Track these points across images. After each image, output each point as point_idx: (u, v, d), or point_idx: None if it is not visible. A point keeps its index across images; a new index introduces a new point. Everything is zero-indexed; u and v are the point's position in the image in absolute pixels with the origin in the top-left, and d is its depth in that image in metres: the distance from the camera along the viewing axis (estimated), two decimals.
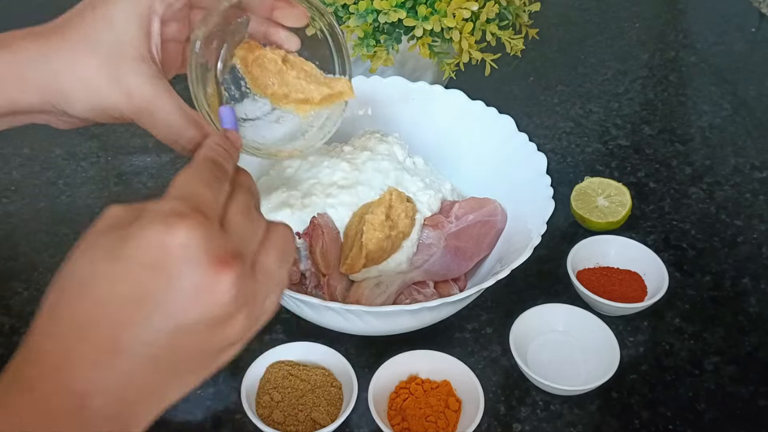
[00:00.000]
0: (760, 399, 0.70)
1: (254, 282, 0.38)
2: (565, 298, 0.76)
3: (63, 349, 0.36)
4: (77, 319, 0.36)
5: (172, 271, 0.35)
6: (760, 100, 1.08)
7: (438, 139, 0.84)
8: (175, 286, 0.35)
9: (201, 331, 0.36)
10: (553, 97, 1.07)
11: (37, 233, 0.84)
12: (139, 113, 0.51)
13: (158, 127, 0.51)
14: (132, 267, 0.36)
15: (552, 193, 0.72)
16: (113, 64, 0.50)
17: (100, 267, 0.37)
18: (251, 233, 0.40)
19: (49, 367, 0.36)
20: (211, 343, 0.37)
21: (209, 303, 0.36)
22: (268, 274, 0.40)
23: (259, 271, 0.39)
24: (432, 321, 0.69)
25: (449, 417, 0.65)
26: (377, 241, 0.68)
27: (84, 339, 0.36)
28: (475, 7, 0.81)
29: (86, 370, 0.35)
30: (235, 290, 0.36)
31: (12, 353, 0.58)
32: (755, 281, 0.81)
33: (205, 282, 0.36)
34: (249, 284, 0.38)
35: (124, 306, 0.35)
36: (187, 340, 0.36)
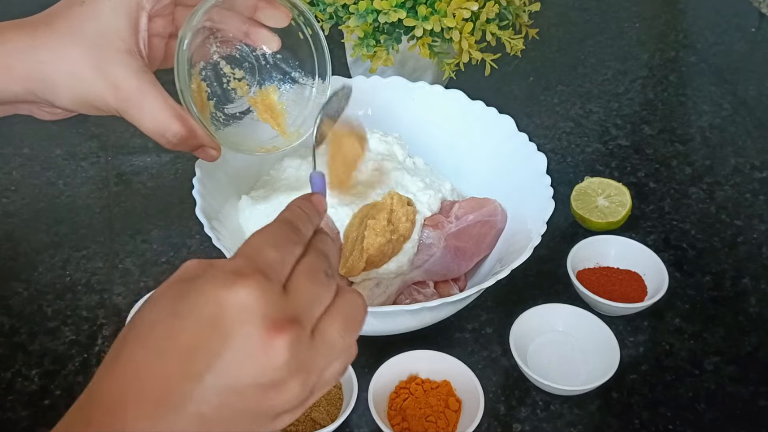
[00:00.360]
0: (760, 399, 0.70)
1: (312, 349, 0.37)
2: (565, 298, 0.76)
3: (120, 392, 0.36)
4: (136, 366, 0.36)
5: (227, 329, 0.35)
6: (760, 100, 1.08)
7: (438, 139, 0.84)
8: (229, 345, 0.35)
9: (251, 393, 0.35)
10: (553, 97, 1.07)
11: (37, 233, 0.84)
12: (124, 106, 0.52)
13: (144, 120, 0.52)
14: (189, 321, 0.35)
15: (552, 193, 0.72)
16: (100, 56, 0.51)
17: (162, 317, 0.36)
18: (315, 298, 0.39)
19: (106, 407, 0.36)
20: (262, 407, 0.36)
21: (261, 366, 0.35)
22: (329, 342, 0.38)
23: (319, 338, 0.38)
24: (432, 321, 0.69)
25: (449, 417, 0.65)
26: (378, 245, 0.68)
27: (140, 386, 0.35)
28: (475, 7, 0.81)
29: (138, 416, 0.35)
30: (288, 355, 0.35)
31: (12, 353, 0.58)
32: (755, 281, 0.81)
33: (258, 344, 0.35)
34: (305, 351, 0.37)
35: (178, 359, 0.35)
36: (236, 401, 0.35)
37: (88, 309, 0.76)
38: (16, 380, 0.69)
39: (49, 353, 0.72)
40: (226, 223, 0.73)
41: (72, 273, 0.79)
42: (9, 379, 0.69)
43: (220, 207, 0.73)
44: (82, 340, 0.73)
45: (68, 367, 0.71)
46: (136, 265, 0.80)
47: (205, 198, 0.70)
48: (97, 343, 0.73)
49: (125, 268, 0.80)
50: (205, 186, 0.71)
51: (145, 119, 0.52)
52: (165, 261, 0.81)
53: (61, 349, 0.72)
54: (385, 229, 0.68)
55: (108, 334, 0.73)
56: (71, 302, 0.76)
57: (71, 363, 0.71)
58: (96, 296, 0.77)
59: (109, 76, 0.51)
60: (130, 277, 0.79)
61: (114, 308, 0.76)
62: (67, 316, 0.75)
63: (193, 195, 0.69)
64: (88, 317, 0.75)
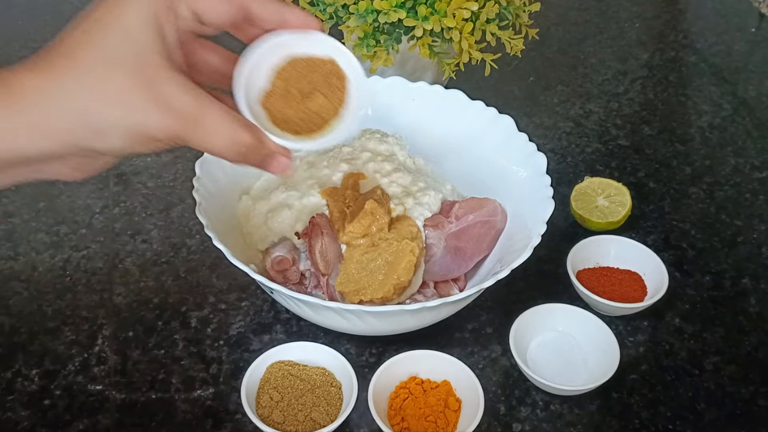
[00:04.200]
0: (760, 399, 0.70)
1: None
2: (565, 298, 0.76)
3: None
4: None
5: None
6: (760, 100, 1.08)
7: (438, 139, 0.84)
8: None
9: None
10: (553, 97, 1.07)
11: (37, 233, 0.84)
12: (188, 128, 0.45)
13: (211, 139, 0.46)
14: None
15: (552, 193, 0.72)
16: (145, 79, 0.43)
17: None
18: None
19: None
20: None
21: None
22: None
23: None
24: (432, 321, 0.69)
25: (449, 417, 0.65)
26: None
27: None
28: (475, 7, 0.81)
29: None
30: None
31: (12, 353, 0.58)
32: (755, 281, 0.81)
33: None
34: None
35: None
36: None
37: (88, 309, 0.76)
38: (16, 380, 0.69)
39: (49, 353, 0.72)
40: (226, 223, 0.73)
41: (72, 273, 0.79)
42: (9, 379, 0.69)
43: (220, 207, 0.73)
44: (82, 340, 0.73)
45: (68, 367, 0.71)
46: (136, 265, 0.80)
47: (205, 198, 0.70)
48: (97, 343, 0.73)
49: (125, 268, 0.80)
50: (205, 186, 0.71)
51: (213, 137, 0.46)
52: (165, 261, 0.81)
53: (61, 349, 0.72)
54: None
55: (108, 334, 0.73)
56: (71, 302, 0.76)
57: (71, 363, 0.71)
58: (96, 296, 0.77)
59: (160, 99, 0.44)
60: (130, 277, 0.79)
61: (114, 308, 0.76)
62: (67, 316, 0.75)
63: (193, 195, 0.69)
64: (88, 317, 0.75)
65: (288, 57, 0.53)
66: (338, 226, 0.71)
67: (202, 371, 0.71)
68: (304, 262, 0.73)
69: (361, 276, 0.68)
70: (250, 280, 0.72)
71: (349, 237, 0.70)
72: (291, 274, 0.72)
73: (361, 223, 0.69)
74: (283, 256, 0.72)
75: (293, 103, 0.53)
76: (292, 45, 0.52)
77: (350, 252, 0.70)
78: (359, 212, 0.70)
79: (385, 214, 0.70)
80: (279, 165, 0.50)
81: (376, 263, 0.68)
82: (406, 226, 0.71)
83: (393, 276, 0.67)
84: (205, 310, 0.76)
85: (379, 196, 0.72)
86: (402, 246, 0.68)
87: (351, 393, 0.65)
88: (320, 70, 0.54)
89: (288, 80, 0.53)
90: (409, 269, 0.67)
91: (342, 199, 0.72)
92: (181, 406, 0.68)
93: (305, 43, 0.52)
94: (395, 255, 0.68)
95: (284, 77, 0.53)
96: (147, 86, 0.43)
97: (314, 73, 0.54)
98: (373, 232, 0.70)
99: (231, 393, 0.69)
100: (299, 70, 0.53)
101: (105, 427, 0.66)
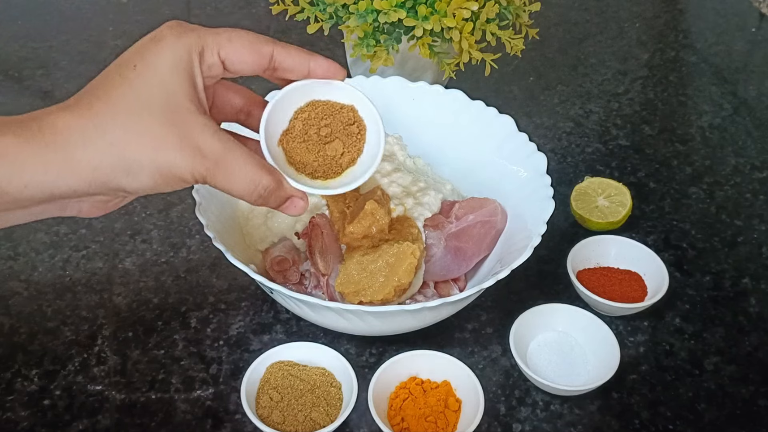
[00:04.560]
0: (760, 399, 0.70)
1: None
2: (565, 298, 0.76)
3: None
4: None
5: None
6: (760, 100, 1.08)
7: (438, 139, 0.84)
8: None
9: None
10: (553, 97, 1.07)
11: (37, 233, 0.84)
12: (213, 172, 0.47)
13: (235, 182, 0.48)
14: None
15: (552, 193, 0.72)
16: (177, 122, 0.46)
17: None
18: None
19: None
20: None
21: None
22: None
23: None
24: (432, 321, 0.69)
25: (449, 417, 0.65)
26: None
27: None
28: (475, 7, 0.81)
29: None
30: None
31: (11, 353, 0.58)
32: (755, 281, 0.81)
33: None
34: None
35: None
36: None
37: (88, 309, 0.76)
38: (16, 380, 0.69)
39: (49, 353, 0.72)
40: (226, 223, 0.73)
41: (72, 273, 0.79)
42: (9, 379, 0.69)
43: (220, 207, 0.73)
44: (82, 340, 0.73)
45: (68, 367, 0.71)
46: (136, 265, 0.80)
47: (205, 198, 0.70)
48: (97, 343, 0.73)
49: (125, 268, 0.80)
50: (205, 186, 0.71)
51: (237, 181, 0.48)
52: (165, 261, 0.81)
53: (61, 349, 0.72)
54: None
55: (108, 334, 0.73)
56: (71, 302, 0.76)
57: (71, 363, 0.71)
58: (96, 296, 0.77)
59: (191, 141, 0.46)
60: (130, 277, 0.79)
61: (114, 308, 0.76)
62: (67, 316, 0.75)
63: (193, 195, 0.69)
64: (88, 317, 0.75)
65: (308, 99, 0.54)
66: (338, 227, 0.71)
67: (202, 371, 0.70)
68: (304, 262, 0.73)
69: (361, 277, 0.68)
70: (250, 280, 0.72)
71: (349, 238, 0.70)
72: (291, 274, 0.72)
73: (362, 223, 0.69)
74: (283, 256, 0.72)
75: (311, 146, 0.55)
76: (314, 88, 0.54)
77: (350, 253, 0.70)
78: (359, 213, 0.70)
79: (386, 215, 0.70)
80: (296, 208, 0.53)
81: (376, 265, 0.68)
82: (407, 228, 0.71)
83: (393, 278, 0.67)
84: (205, 311, 0.76)
85: (380, 196, 0.72)
86: (403, 248, 0.68)
87: (351, 393, 0.65)
88: (339, 115, 0.55)
89: (307, 122, 0.54)
90: (410, 272, 0.67)
91: (342, 200, 0.72)
92: (180, 406, 0.68)
93: (327, 89, 0.54)
94: (396, 257, 0.68)
95: (303, 119, 0.54)
96: (177, 130, 0.45)
97: (333, 118, 0.55)
98: (374, 233, 0.70)
99: (231, 393, 0.69)
100: (318, 113, 0.55)
101: (105, 427, 0.66)
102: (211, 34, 0.49)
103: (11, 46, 1.12)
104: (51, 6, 1.23)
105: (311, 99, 0.54)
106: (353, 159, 0.56)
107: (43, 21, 1.19)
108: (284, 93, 0.53)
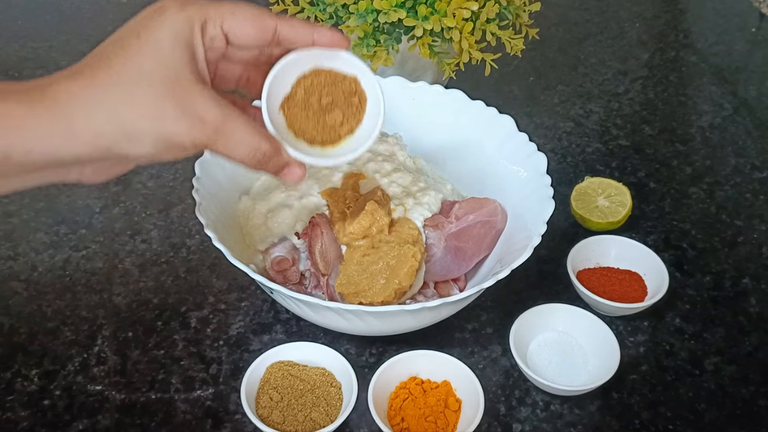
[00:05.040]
0: (760, 399, 0.70)
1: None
2: (565, 298, 0.76)
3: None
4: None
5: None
6: (760, 100, 1.08)
7: (438, 139, 0.84)
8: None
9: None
10: (553, 97, 1.07)
11: (37, 233, 0.84)
12: (213, 139, 0.48)
13: (236, 149, 0.49)
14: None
15: (552, 193, 0.72)
16: (177, 92, 0.47)
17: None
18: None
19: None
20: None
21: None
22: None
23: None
24: (432, 321, 0.69)
25: (449, 417, 0.65)
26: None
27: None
28: (475, 7, 0.81)
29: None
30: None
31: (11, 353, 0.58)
32: (755, 281, 0.81)
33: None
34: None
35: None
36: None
37: (88, 309, 0.76)
38: (16, 380, 0.69)
39: (48, 353, 0.72)
40: (226, 223, 0.73)
41: (72, 273, 0.79)
42: (9, 379, 0.69)
43: (220, 207, 0.73)
44: (82, 340, 0.73)
45: (68, 367, 0.70)
46: (136, 265, 0.80)
47: (205, 198, 0.70)
48: (97, 343, 0.73)
49: (125, 268, 0.80)
50: (205, 186, 0.71)
51: (237, 148, 0.50)
52: (165, 261, 0.81)
53: (61, 349, 0.72)
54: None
55: (108, 334, 0.73)
56: (71, 302, 0.76)
57: (71, 363, 0.71)
58: (96, 296, 0.77)
59: (192, 110, 0.47)
60: (130, 277, 0.79)
61: (114, 308, 0.76)
62: (66, 316, 0.75)
63: (193, 195, 0.69)
64: (88, 317, 0.75)
65: (312, 67, 0.55)
66: (338, 227, 0.71)
67: (202, 371, 0.70)
68: (304, 262, 0.73)
69: (361, 278, 0.68)
70: (250, 280, 0.72)
71: (349, 238, 0.70)
72: (291, 274, 0.72)
73: (362, 224, 0.69)
74: (283, 256, 0.72)
75: (312, 113, 0.55)
76: (319, 57, 0.54)
77: (350, 253, 0.70)
78: (359, 213, 0.70)
79: (386, 215, 0.70)
80: (293, 175, 0.54)
81: (377, 266, 0.68)
82: (407, 229, 0.71)
83: (394, 281, 0.67)
84: (205, 311, 0.76)
85: (380, 197, 0.72)
86: (404, 251, 0.68)
87: (351, 393, 0.65)
88: (342, 86, 0.56)
89: (309, 89, 0.55)
90: (411, 275, 0.67)
91: (342, 200, 0.72)
92: (180, 406, 0.68)
93: (331, 58, 0.55)
94: (397, 259, 0.68)
95: (305, 86, 0.55)
96: (178, 99, 0.47)
97: (335, 87, 0.55)
98: (374, 233, 0.70)
99: (231, 393, 0.69)
100: (321, 81, 0.55)
101: (105, 427, 0.66)
102: (214, 7, 0.50)
103: (11, 46, 1.12)
104: (51, 6, 1.23)
105: (315, 66, 0.55)
106: (351, 129, 0.56)
107: (43, 21, 1.19)
108: (289, 59, 0.53)
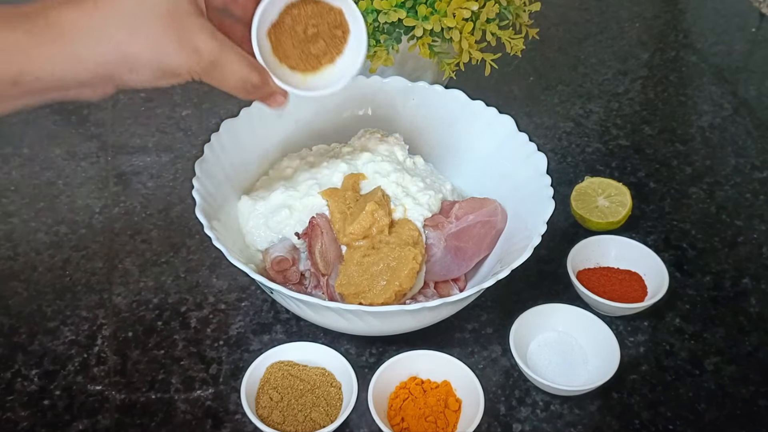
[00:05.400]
0: (761, 399, 0.70)
1: None
2: (565, 298, 0.76)
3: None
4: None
5: None
6: (760, 100, 1.08)
7: (438, 139, 0.84)
8: None
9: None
10: (553, 97, 1.07)
11: (37, 233, 0.84)
12: (209, 69, 0.52)
13: (228, 79, 0.54)
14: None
15: (552, 193, 0.72)
16: (176, 24, 0.50)
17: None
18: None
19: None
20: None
21: None
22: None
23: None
24: (432, 321, 0.69)
25: (449, 417, 0.65)
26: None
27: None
28: (475, 7, 0.81)
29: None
30: None
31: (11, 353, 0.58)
32: (755, 281, 0.81)
33: None
34: None
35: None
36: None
37: (88, 309, 0.76)
38: (16, 380, 0.69)
39: (48, 353, 0.72)
40: (226, 223, 0.73)
41: (72, 273, 0.79)
42: (9, 379, 0.69)
43: (220, 207, 0.73)
44: (82, 340, 0.73)
45: (68, 367, 0.70)
46: (135, 265, 0.80)
47: (205, 198, 0.70)
48: (97, 343, 0.73)
49: (125, 268, 0.80)
50: (204, 186, 0.71)
51: (229, 78, 0.54)
52: (165, 261, 0.81)
53: (61, 349, 0.72)
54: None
55: (108, 334, 0.73)
56: (71, 302, 0.76)
57: (71, 363, 0.71)
58: (96, 296, 0.77)
59: (190, 42, 0.51)
60: (130, 277, 0.79)
61: (114, 308, 0.76)
62: (66, 316, 0.75)
63: (193, 195, 0.69)
64: (88, 317, 0.75)
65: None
66: (338, 228, 0.71)
67: (202, 371, 0.70)
68: (304, 262, 0.73)
69: (362, 279, 0.68)
70: (250, 280, 0.72)
71: (349, 238, 0.70)
72: (291, 274, 0.72)
73: (362, 224, 0.69)
74: (283, 256, 0.72)
75: (297, 42, 0.60)
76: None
77: (350, 253, 0.70)
78: (359, 213, 0.70)
79: (386, 216, 0.70)
80: (276, 102, 0.60)
81: (377, 267, 0.68)
82: (407, 230, 0.71)
83: (395, 282, 0.67)
84: (205, 311, 0.76)
85: (380, 197, 0.72)
86: (405, 252, 0.68)
87: (351, 393, 0.65)
88: (327, 17, 0.61)
89: (296, 18, 0.60)
90: (412, 277, 0.67)
91: (342, 200, 0.72)
92: (180, 406, 0.68)
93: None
94: (398, 261, 0.68)
95: (293, 15, 0.60)
96: (177, 31, 0.50)
97: (321, 18, 0.60)
98: (374, 233, 0.70)
99: (231, 393, 0.69)
100: (308, 12, 0.60)
101: (105, 427, 0.66)
102: None
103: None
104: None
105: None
106: (332, 59, 0.62)
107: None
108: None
